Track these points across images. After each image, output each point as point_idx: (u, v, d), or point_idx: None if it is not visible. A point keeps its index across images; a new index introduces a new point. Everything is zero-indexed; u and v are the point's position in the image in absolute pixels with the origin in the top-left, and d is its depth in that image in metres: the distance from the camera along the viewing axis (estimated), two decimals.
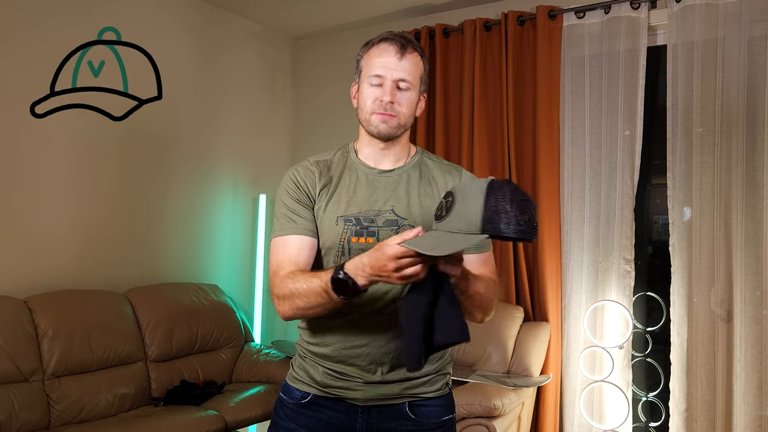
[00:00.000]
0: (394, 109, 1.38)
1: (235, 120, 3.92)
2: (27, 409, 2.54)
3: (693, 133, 2.88)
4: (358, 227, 1.39)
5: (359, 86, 1.44)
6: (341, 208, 1.41)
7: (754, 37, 2.78)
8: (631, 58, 3.06)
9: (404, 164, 1.47)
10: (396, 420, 1.41)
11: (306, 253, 1.39)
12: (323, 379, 1.42)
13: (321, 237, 1.42)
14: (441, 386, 1.47)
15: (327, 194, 1.43)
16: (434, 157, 1.53)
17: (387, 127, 1.40)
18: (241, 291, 3.94)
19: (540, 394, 3.13)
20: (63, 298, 2.86)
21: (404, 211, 1.41)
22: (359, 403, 1.41)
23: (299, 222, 1.41)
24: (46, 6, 2.97)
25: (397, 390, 1.41)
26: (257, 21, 4.03)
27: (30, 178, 2.94)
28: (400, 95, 1.39)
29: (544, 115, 3.20)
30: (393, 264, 1.11)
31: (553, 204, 3.18)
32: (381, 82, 1.38)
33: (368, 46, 1.43)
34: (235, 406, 2.94)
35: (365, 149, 1.47)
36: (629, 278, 3.03)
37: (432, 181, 1.46)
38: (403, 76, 1.38)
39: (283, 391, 1.49)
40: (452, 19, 3.61)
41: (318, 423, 1.42)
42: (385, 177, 1.45)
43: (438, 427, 1.44)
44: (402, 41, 1.39)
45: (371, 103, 1.39)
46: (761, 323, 2.72)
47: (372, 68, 1.39)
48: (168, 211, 3.54)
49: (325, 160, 1.48)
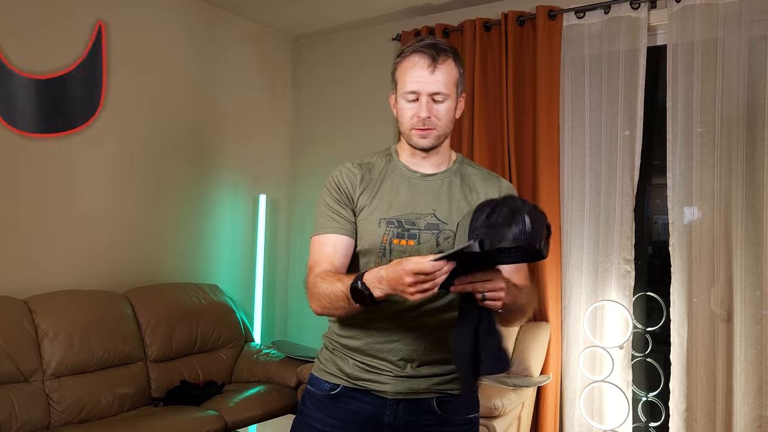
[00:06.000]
0: (432, 123, 1.40)
1: (234, 120, 3.92)
2: (27, 409, 2.55)
3: (693, 133, 2.87)
4: (400, 229, 1.42)
5: (396, 99, 1.46)
6: (383, 210, 1.43)
7: (754, 37, 2.78)
8: (631, 58, 3.05)
9: (446, 169, 1.50)
10: (423, 414, 1.44)
11: (342, 253, 1.43)
12: (353, 371, 1.44)
13: (362, 238, 1.44)
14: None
15: (369, 196, 1.45)
16: (474, 165, 1.56)
17: (427, 142, 1.43)
18: (241, 291, 3.94)
19: (540, 394, 3.13)
20: (63, 299, 2.86)
21: (445, 216, 1.43)
22: (388, 396, 1.43)
23: (338, 221, 1.44)
24: (45, 7, 2.97)
25: (425, 385, 1.43)
26: (257, 21, 4.03)
27: (31, 179, 2.94)
28: (436, 108, 1.40)
29: (544, 115, 3.20)
30: (409, 278, 1.15)
31: (553, 204, 3.18)
32: (417, 98, 1.40)
33: (401, 58, 1.43)
34: (234, 406, 2.94)
35: (407, 154, 1.50)
36: (629, 278, 3.03)
37: (473, 188, 1.49)
38: (438, 89, 1.39)
39: (311, 383, 1.52)
40: (452, 19, 3.60)
41: (346, 414, 1.44)
42: (428, 181, 1.47)
43: (463, 424, 1.47)
44: (433, 53, 1.39)
45: (409, 119, 1.42)
46: (761, 323, 2.72)
47: (406, 84, 1.40)
48: (168, 211, 3.54)
49: (368, 163, 1.51)
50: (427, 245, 1.40)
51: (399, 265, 1.17)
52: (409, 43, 1.44)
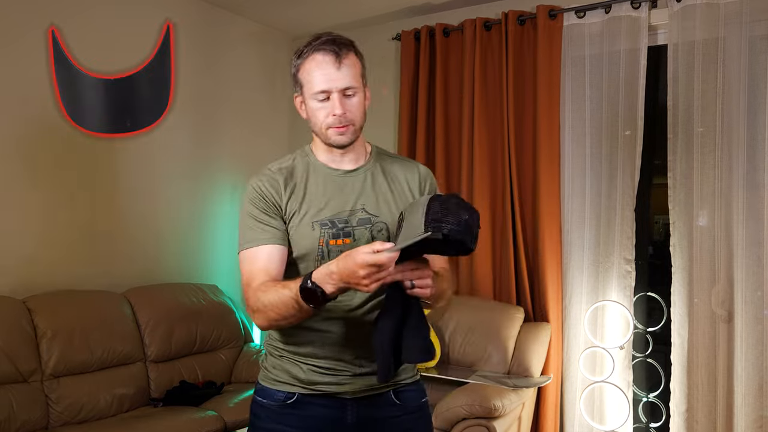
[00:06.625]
0: (347, 118, 1.39)
1: (234, 120, 3.91)
2: (26, 409, 2.53)
3: (694, 133, 2.87)
4: (334, 229, 1.40)
5: (304, 101, 1.43)
6: (314, 213, 1.41)
7: (755, 37, 2.77)
8: (631, 58, 3.05)
9: (365, 163, 1.50)
10: (383, 407, 1.45)
11: (277, 263, 1.39)
12: (309, 376, 1.42)
13: (297, 244, 1.41)
14: (414, 373, 1.53)
15: (297, 201, 1.43)
16: (390, 153, 1.57)
17: (346, 138, 1.42)
18: (240, 291, 3.90)
19: (540, 395, 3.12)
20: (62, 299, 2.85)
21: (374, 209, 1.44)
22: (348, 396, 1.42)
23: (268, 231, 1.40)
24: (46, 9, 2.97)
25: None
26: (256, 20, 4.02)
27: (31, 180, 2.93)
28: (349, 103, 1.39)
29: (544, 115, 3.20)
30: (363, 271, 1.14)
31: (553, 204, 3.18)
32: (327, 96, 1.38)
33: (302, 58, 1.40)
34: (234, 407, 2.93)
35: (323, 153, 1.48)
36: (630, 278, 3.02)
37: (394, 178, 1.50)
38: (348, 84, 1.38)
39: (260, 394, 1.47)
40: (452, 18, 3.60)
41: (306, 420, 1.42)
42: (351, 177, 1.47)
43: (419, 409, 1.51)
44: (335, 48, 1.37)
45: (324, 118, 1.40)
46: (762, 323, 2.71)
47: (314, 84, 1.38)
48: (167, 211, 3.53)
49: (287, 167, 1.48)
50: (363, 240, 1.39)
51: (349, 258, 1.16)
52: (307, 42, 1.41)
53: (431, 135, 3.60)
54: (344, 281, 1.18)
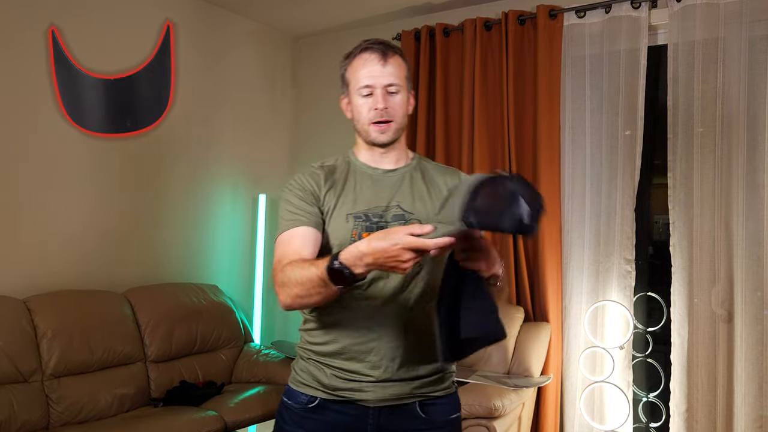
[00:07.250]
0: (389, 114, 1.44)
1: (234, 120, 3.91)
2: (26, 409, 2.54)
3: (694, 133, 2.87)
4: (368, 223, 1.42)
5: (350, 99, 1.48)
6: (349, 206, 1.44)
7: (755, 37, 2.77)
8: (631, 58, 3.05)
9: (405, 165, 1.53)
10: (406, 419, 1.42)
11: (311, 245, 1.40)
12: (332, 381, 1.41)
13: (331, 235, 1.43)
14: (448, 385, 1.49)
15: (334, 195, 1.46)
16: (432, 162, 1.60)
17: (386, 137, 1.47)
18: (240, 291, 3.94)
19: (540, 395, 3.12)
20: (62, 299, 2.85)
21: (410, 206, 1.46)
22: (370, 404, 1.40)
23: (304, 216, 1.43)
24: (45, 9, 2.97)
25: (407, 390, 1.41)
26: (257, 20, 4.02)
27: (31, 179, 2.94)
28: (391, 100, 1.44)
29: (544, 115, 3.20)
30: (408, 255, 1.13)
31: (553, 204, 3.17)
32: (371, 91, 1.43)
33: (350, 58, 1.48)
34: (234, 407, 2.93)
35: (365, 154, 1.52)
36: (630, 278, 3.02)
37: (432, 181, 1.53)
38: (391, 81, 1.43)
39: (287, 395, 1.48)
40: (452, 18, 3.60)
41: (326, 426, 1.42)
42: (389, 176, 1.50)
43: (447, 425, 1.47)
44: (382, 48, 1.44)
45: (366, 113, 1.45)
46: (762, 323, 2.71)
47: (359, 80, 1.44)
48: (167, 212, 3.53)
49: (329, 165, 1.53)
50: None
51: (389, 240, 1.13)
52: (356, 46, 1.47)
53: (431, 135, 3.60)
54: (378, 263, 1.15)
